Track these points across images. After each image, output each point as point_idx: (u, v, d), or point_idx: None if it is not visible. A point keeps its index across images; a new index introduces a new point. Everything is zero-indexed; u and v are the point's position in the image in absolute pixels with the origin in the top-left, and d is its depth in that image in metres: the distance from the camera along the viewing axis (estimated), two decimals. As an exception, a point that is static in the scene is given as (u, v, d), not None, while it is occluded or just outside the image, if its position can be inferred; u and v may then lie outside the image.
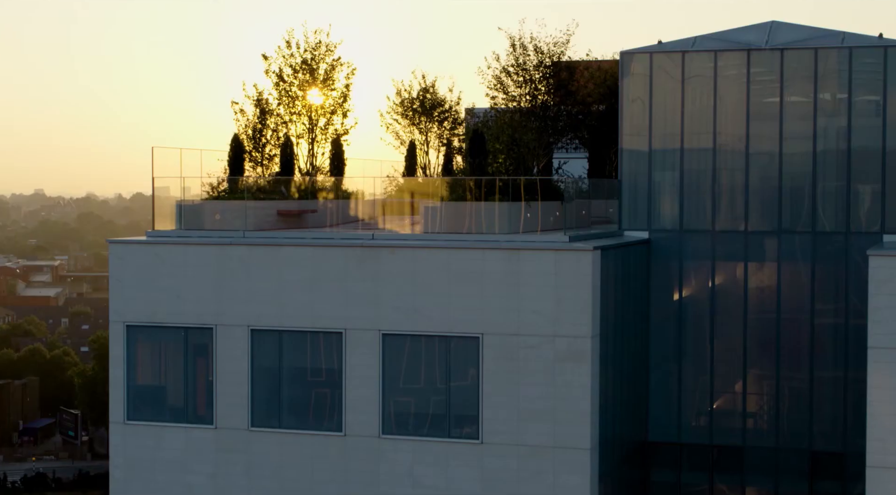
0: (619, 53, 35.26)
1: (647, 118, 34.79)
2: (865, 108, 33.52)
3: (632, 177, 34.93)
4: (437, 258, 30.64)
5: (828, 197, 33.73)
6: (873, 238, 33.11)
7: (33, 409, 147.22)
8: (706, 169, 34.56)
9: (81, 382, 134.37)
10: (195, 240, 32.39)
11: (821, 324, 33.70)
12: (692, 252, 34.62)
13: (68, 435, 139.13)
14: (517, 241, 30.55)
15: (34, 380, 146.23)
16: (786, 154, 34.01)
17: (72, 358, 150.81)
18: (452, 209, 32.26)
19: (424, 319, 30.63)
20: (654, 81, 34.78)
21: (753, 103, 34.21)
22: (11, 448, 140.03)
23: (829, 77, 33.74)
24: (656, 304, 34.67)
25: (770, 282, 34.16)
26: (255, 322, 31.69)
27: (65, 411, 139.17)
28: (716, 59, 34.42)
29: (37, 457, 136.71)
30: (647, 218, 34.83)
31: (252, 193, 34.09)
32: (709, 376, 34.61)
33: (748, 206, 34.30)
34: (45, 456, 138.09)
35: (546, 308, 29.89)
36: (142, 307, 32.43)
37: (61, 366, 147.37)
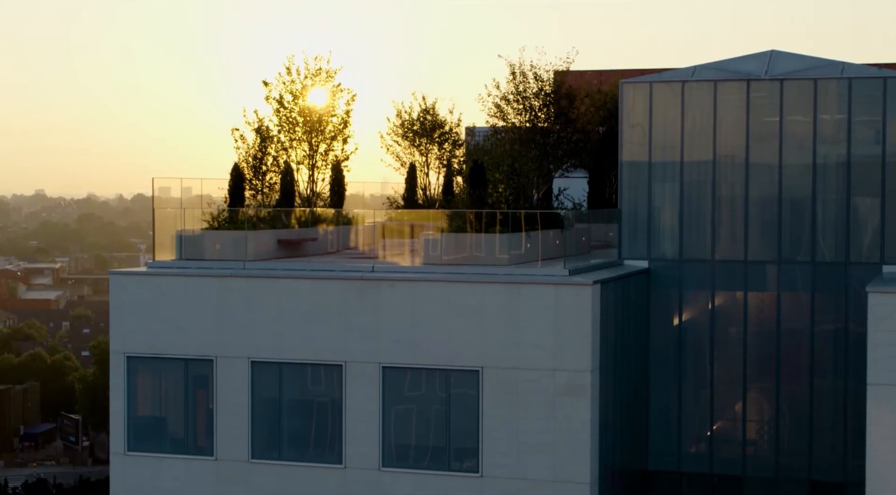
0: (619, 83, 35.30)
1: (646, 148, 34.84)
2: (865, 139, 33.56)
3: (631, 206, 34.96)
4: (436, 291, 30.71)
5: (828, 227, 33.77)
6: (873, 268, 33.16)
7: (34, 414, 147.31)
8: (706, 198, 34.59)
9: (82, 388, 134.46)
10: (195, 272, 32.44)
11: (821, 355, 33.74)
12: (692, 281, 34.66)
13: (69, 441, 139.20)
14: (517, 275, 30.60)
15: (35, 385, 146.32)
16: (785, 184, 34.04)
17: (73, 362, 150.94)
18: (452, 240, 32.30)
19: (424, 352, 30.68)
20: (654, 111, 34.82)
21: (753, 133, 34.25)
22: (12, 453, 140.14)
23: (828, 107, 33.79)
24: (656, 333, 34.72)
25: (770, 311, 34.20)
26: (255, 354, 31.75)
27: (66, 416, 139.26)
28: (715, 89, 34.46)
29: (37, 463, 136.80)
30: (647, 247, 34.87)
31: (252, 223, 34.13)
32: (709, 405, 34.65)
33: (748, 236, 34.34)
34: (45, 462, 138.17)
35: (546, 342, 29.94)
36: (142, 338, 32.49)
37: (62, 371, 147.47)
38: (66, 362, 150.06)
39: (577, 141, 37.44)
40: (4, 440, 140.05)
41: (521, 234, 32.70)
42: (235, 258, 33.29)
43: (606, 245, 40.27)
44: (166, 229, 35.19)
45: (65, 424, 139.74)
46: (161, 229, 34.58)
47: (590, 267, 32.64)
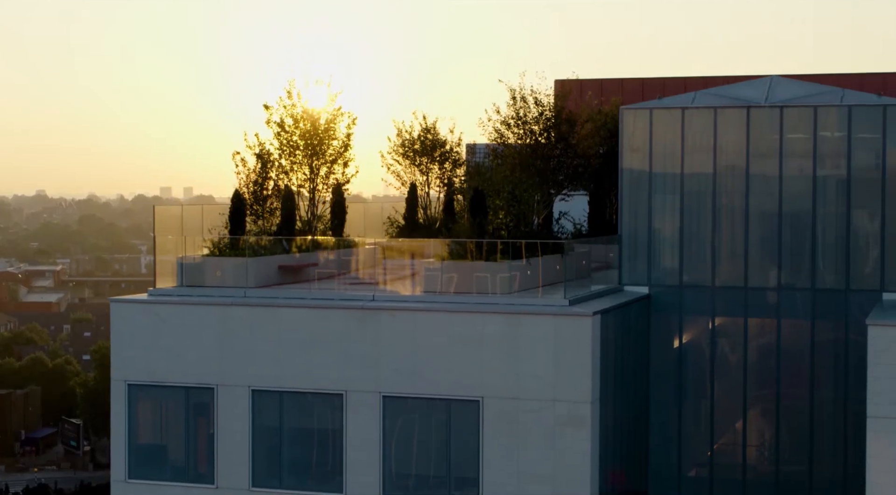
0: (619, 109, 35.35)
1: (646, 175, 34.88)
2: (865, 167, 33.60)
3: (632, 232, 35.02)
4: (437, 321, 30.77)
5: (828, 254, 33.82)
6: (873, 296, 33.20)
7: (35, 419, 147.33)
8: (706, 225, 34.64)
9: (83, 392, 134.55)
10: (196, 301, 32.49)
11: (821, 381, 33.79)
12: (692, 307, 34.71)
13: (70, 445, 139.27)
14: (517, 305, 30.65)
15: (36, 390, 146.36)
16: (785, 210, 34.09)
17: (74, 367, 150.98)
18: (452, 268, 32.33)
19: (425, 382, 30.74)
20: (654, 137, 34.88)
21: (753, 160, 34.30)
22: (13, 458, 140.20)
23: (828, 134, 33.81)
24: (656, 359, 34.77)
25: (770, 337, 34.25)
26: (255, 382, 31.80)
27: (66, 421, 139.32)
28: (715, 116, 34.50)
29: (39, 468, 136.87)
30: (647, 273, 34.92)
31: (253, 249, 34.17)
32: (709, 429, 34.71)
33: (748, 262, 34.38)
34: (46, 467, 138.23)
35: (546, 372, 29.99)
36: (143, 366, 32.55)
37: (63, 375, 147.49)
38: (67, 366, 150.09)
39: (578, 165, 37.46)
40: (5, 445, 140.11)
41: (521, 262, 32.73)
42: (236, 285, 33.31)
43: (607, 266, 40.29)
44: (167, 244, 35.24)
45: (66, 429, 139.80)
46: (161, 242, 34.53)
47: (590, 295, 32.68)
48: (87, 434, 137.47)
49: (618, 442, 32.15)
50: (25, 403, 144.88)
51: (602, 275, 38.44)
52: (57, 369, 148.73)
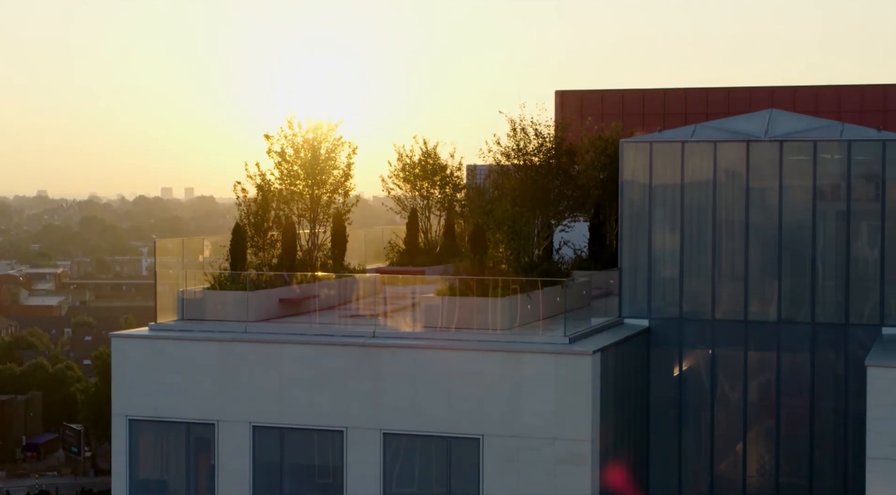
0: (619, 142, 35.40)
1: (646, 208, 34.93)
2: (864, 200, 33.66)
3: (632, 264, 35.07)
4: (437, 359, 30.85)
5: (827, 288, 33.86)
6: (873, 330, 33.26)
7: (36, 424, 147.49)
8: (706, 257, 34.70)
9: (84, 398, 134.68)
10: (197, 336, 32.56)
11: (821, 415, 33.83)
12: (692, 340, 34.78)
13: (71, 451, 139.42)
14: (517, 343, 30.73)
15: (37, 395, 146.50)
16: (785, 243, 34.15)
17: (75, 372, 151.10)
18: (452, 304, 32.37)
19: (425, 419, 30.80)
20: (654, 170, 34.92)
21: (753, 192, 34.35)
22: (14, 464, 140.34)
23: (827, 169, 33.88)
24: (656, 393, 34.83)
25: (770, 371, 34.30)
26: (256, 418, 31.87)
27: (67, 427, 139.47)
28: (715, 150, 34.56)
29: (39, 474, 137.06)
30: (647, 306, 34.97)
31: (254, 283, 34.23)
32: (708, 463, 34.76)
33: (748, 295, 34.43)
34: (48, 473, 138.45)
35: (546, 410, 30.06)
36: (144, 401, 32.62)
37: (64, 381, 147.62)
38: (68, 371, 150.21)
39: (578, 197, 37.53)
40: (6, 450, 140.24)
41: (522, 296, 32.78)
42: (237, 319, 33.39)
43: (608, 292, 40.42)
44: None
45: (67, 434, 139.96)
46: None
47: (590, 330, 32.73)
48: (87, 439, 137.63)
49: (618, 475, 32.17)
50: (26, 409, 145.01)
51: (602, 304, 38.58)
52: (58, 374, 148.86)
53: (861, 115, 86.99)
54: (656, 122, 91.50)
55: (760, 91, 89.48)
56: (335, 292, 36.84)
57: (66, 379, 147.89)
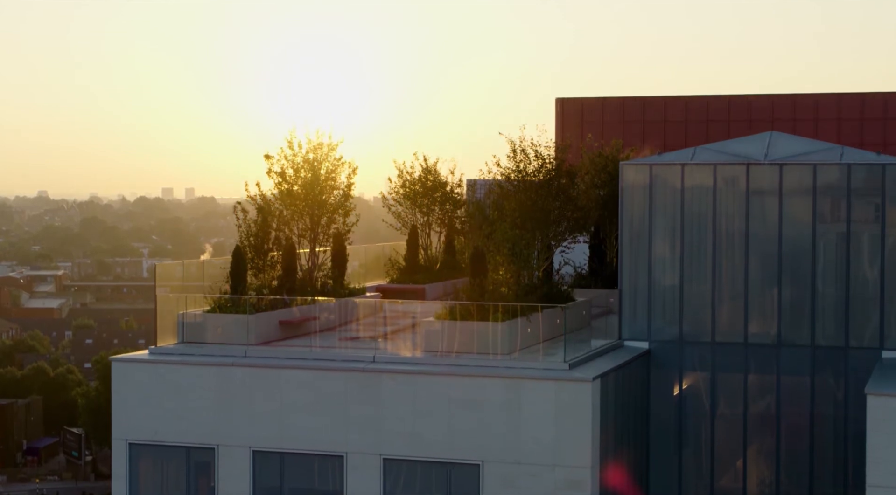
0: (619, 164, 35.39)
1: (647, 230, 34.94)
2: (864, 223, 33.65)
3: (632, 287, 35.08)
4: (437, 384, 30.87)
5: (827, 311, 33.86)
6: (873, 354, 33.26)
7: (37, 428, 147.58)
8: (706, 280, 34.70)
9: (85, 403, 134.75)
10: (197, 361, 32.57)
11: (821, 439, 33.84)
12: (692, 363, 34.78)
13: (72, 456, 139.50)
14: (518, 368, 30.75)
15: (37, 399, 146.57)
16: (785, 266, 34.15)
17: (75, 375, 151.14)
18: (453, 328, 32.38)
19: (425, 445, 30.82)
20: (654, 192, 34.92)
21: (753, 215, 34.35)
22: (15, 468, 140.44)
23: (827, 192, 33.88)
24: (656, 415, 34.84)
25: (769, 393, 34.31)
26: (256, 443, 31.90)
27: (68, 431, 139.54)
28: (715, 172, 34.56)
29: (40, 478, 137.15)
30: (648, 328, 34.97)
31: (254, 305, 34.24)
32: (708, 485, 34.75)
33: (748, 318, 34.45)
34: (48, 477, 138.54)
35: (546, 436, 30.07)
36: (144, 425, 32.65)
37: (65, 385, 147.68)
38: (69, 375, 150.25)
39: (578, 218, 37.55)
40: (7, 454, 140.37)
41: (522, 319, 32.79)
42: (237, 342, 33.42)
43: (608, 311, 40.43)
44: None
45: (67, 439, 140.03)
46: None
47: (590, 353, 32.73)
48: (88, 443, 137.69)
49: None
50: (27, 413, 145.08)
51: (603, 323, 38.58)
52: (58, 378, 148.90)
53: (861, 123, 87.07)
54: (657, 130, 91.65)
55: (760, 99, 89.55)
56: (335, 313, 36.83)
57: (67, 383, 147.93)
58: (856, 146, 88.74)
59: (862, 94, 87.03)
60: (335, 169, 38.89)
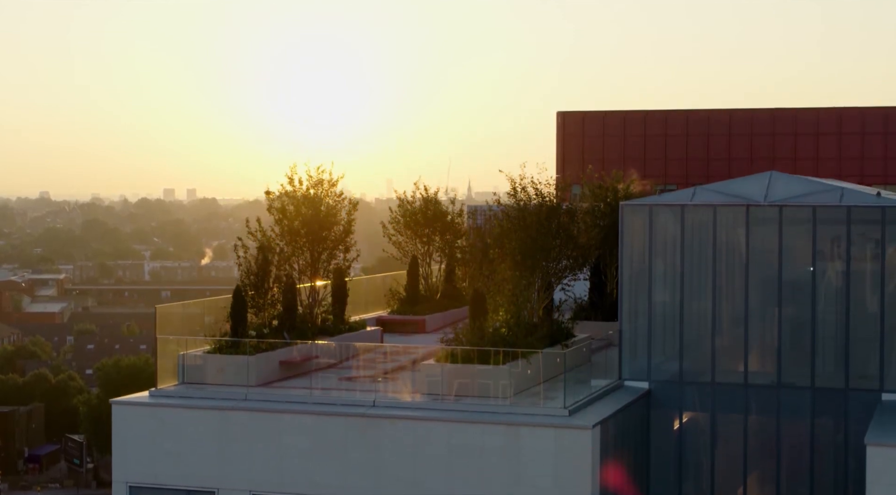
0: (620, 205, 35.41)
1: (647, 269, 34.96)
2: (864, 265, 33.66)
3: (632, 327, 35.11)
4: (437, 430, 30.89)
5: (827, 352, 33.90)
6: (873, 396, 33.28)
7: (38, 435, 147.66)
8: (706, 321, 34.73)
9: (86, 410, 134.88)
10: (197, 404, 32.61)
11: (820, 482, 33.85)
12: (692, 403, 34.81)
13: (73, 463, 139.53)
14: (518, 414, 30.78)
15: (39, 407, 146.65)
16: (785, 307, 34.19)
17: (77, 382, 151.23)
18: (453, 372, 32.41)
19: (425, 491, 30.84)
20: (654, 233, 34.95)
21: (752, 256, 34.37)
22: (17, 475, 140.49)
23: (827, 234, 33.88)
24: (656, 456, 34.86)
25: (769, 435, 34.31)
26: (256, 487, 31.93)
27: (70, 438, 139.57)
28: (715, 213, 34.57)
29: (42, 486, 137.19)
30: (648, 368, 35.00)
31: (254, 346, 34.29)
32: (708, 525, 34.82)
33: (747, 359, 34.49)
34: (50, 484, 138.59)
35: (546, 483, 30.10)
36: (145, 468, 32.70)
37: (66, 392, 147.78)
38: (71, 382, 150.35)
39: (578, 256, 37.58)
40: (9, 462, 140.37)
41: (522, 361, 32.83)
42: (238, 383, 33.48)
43: (608, 344, 40.44)
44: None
45: (69, 446, 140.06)
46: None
47: (590, 395, 32.74)
48: (90, 451, 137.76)
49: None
50: (29, 420, 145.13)
51: (603, 358, 38.56)
52: (60, 385, 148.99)
53: (862, 137, 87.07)
54: (658, 143, 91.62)
55: (761, 113, 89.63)
56: (335, 350, 36.84)
57: (69, 389, 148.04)
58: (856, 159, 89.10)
59: (862, 109, 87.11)
60: (336, 205, 38.93)
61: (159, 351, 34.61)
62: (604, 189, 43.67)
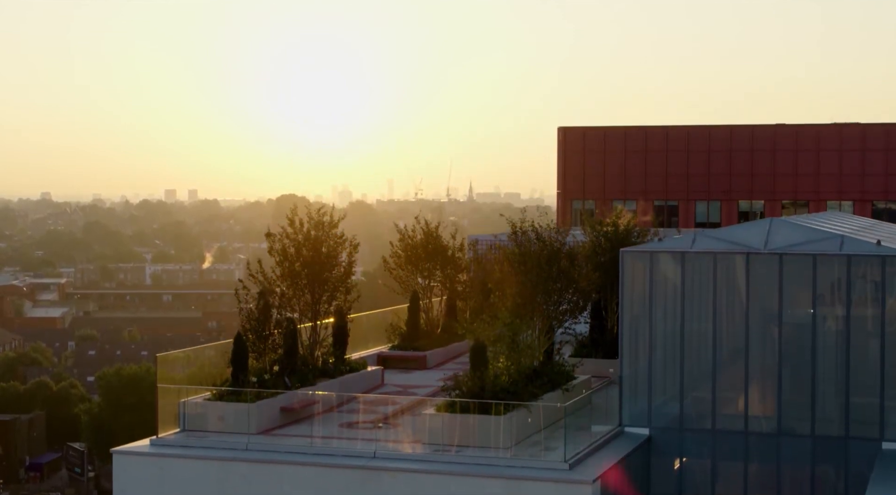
0: (619, 252, 35.46)
1: (647, 316, 35.00)
2: (864, 314, 33.68)
3: (632, 373, 35.16)
4: (438, 483, 30.91)
5: (828, 400, 33.92)
6: (873, 445, 33.31)
7: (39, 444, 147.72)
8: (706, 367, 34.76)
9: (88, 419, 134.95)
10: (198, 454, 32.65)
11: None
12: (692, 450, 34.84)
13: (74, 472, 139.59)
14: (518, 468, 30.81)
15: (40, 415, 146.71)
16: (785, 354, 34.20)
17: (78, 390, 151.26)
18: (453, 421, 32.44)
19: (426, 543, 30.90)
20: (654, 280, 34.99)
21: (752, 304, 34.40)
22: (18, 484, 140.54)
23: (827, 282, 33.91)
24: (657, 503, 34.93)
25: (770, 483, 34.36)
26: (257, 537, 31.99)
27: (71, 447, 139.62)
28: (715, 261, 34.60)
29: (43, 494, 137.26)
30: (648, 415, 35.04)
31: (255, 391, 34.33)
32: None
33: (748, 407, 34.52)
34: (51, 493, 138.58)
35: (546, 537, 30.16)
36: (146, 517, 32.75)
37: (68, 399, 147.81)
38: (72, 390, 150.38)
39: (579, 300, 37.64)
40: (10, 470, 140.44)
41: (522, 411, 32.88)
42: (239, 431, 33.53)
43: (608, 381, 40.48)
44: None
45: (70, 455, 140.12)
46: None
47: (590, 446, 32.75)
48: (91, 460, 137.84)
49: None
50: (30, 428, 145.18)
51: (603, 399, 38.57)
52: (61, 393, 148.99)
53: (863, 153, 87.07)
54: (659, 160, 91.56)
55: (763, 129, 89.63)
56: (336, 392, 36.84)
57: (70, 397, 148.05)
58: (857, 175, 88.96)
59: (863, 125, 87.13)
60: (336, 247, 38.96)
61: (160, 396, 34.62)
62: (604, 225, 43.71)
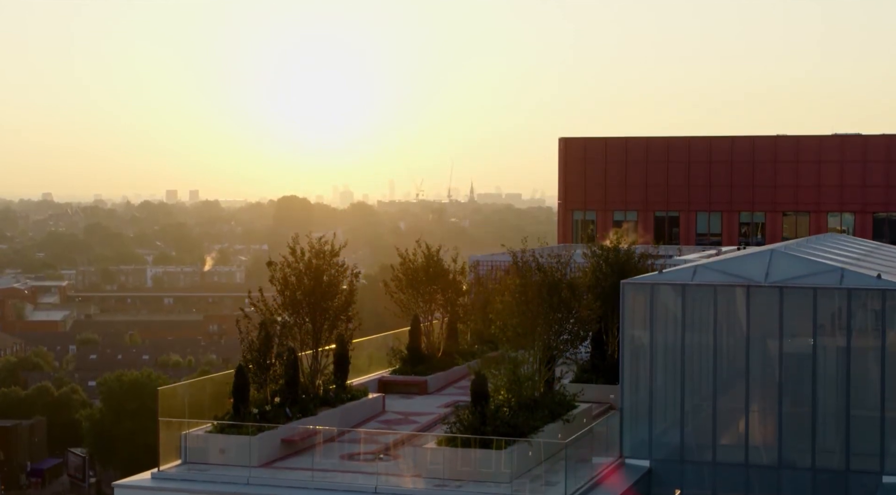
0: (620, 284, 35.51)
1: (648, 348, 35.06)
2: (864, 348, 33.73)
3: (633, 404, 35.21)
4: (439, 519, 30.99)
5: (828, 433, 33.97)
6: (873, 478, 33.36)
7: (41, 449, 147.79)
8: (707, 399, 34.81)
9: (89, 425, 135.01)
10: (199, 489, 32.72)
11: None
12: (693, 482, 34.88)
13: (76, 477, 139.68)
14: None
15: (42, 420, 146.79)
16: (786, 388, 34.24)
17: (79, 395, 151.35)
18: (454, 455, 32.50)
19: (426, 579, 30.97)
20: (655, 312, 35.04)
21: (753, 336, 34.46)
22: (20, 490, 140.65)
23: (827, 315, 33.96)
24: (657, 536, 34.97)
25: (770, 515, 34.43)
26: (259, 572, 32.06)
27: (72, 452, 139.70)
28: (715, 293, 34.66)
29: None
30: (649, 446, 35.10)
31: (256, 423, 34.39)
32: None
33: (748, 439, 34.57)
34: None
35: (547, 574, 30.23)
36: (147, 551, 32.80)
37: (69, 404, 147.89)
38: (73, 395, 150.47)
39: (579, 330, 37.70)
40: (11, 476, 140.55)
41: (522, 444, 32.93)
42: (240, 463, 33.60)
43: (609, 407, 40.55)
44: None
45: (72, 460, 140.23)
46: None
47: (591, 481, 32.81)
48: (92, 465, 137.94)
49: None
50: (31, 434, 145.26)
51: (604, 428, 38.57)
52: (63, 398, 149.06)
53: (864, 165, 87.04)
54: (660, 170, 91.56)
55: (764, 140, 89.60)
56: (337, 427, 36.87)
57: (71, 403, 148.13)
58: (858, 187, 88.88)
59: (865, 137, 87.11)
60: (337, 276, 39.01)
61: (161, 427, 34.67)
62: (605, 250, 43.75)
